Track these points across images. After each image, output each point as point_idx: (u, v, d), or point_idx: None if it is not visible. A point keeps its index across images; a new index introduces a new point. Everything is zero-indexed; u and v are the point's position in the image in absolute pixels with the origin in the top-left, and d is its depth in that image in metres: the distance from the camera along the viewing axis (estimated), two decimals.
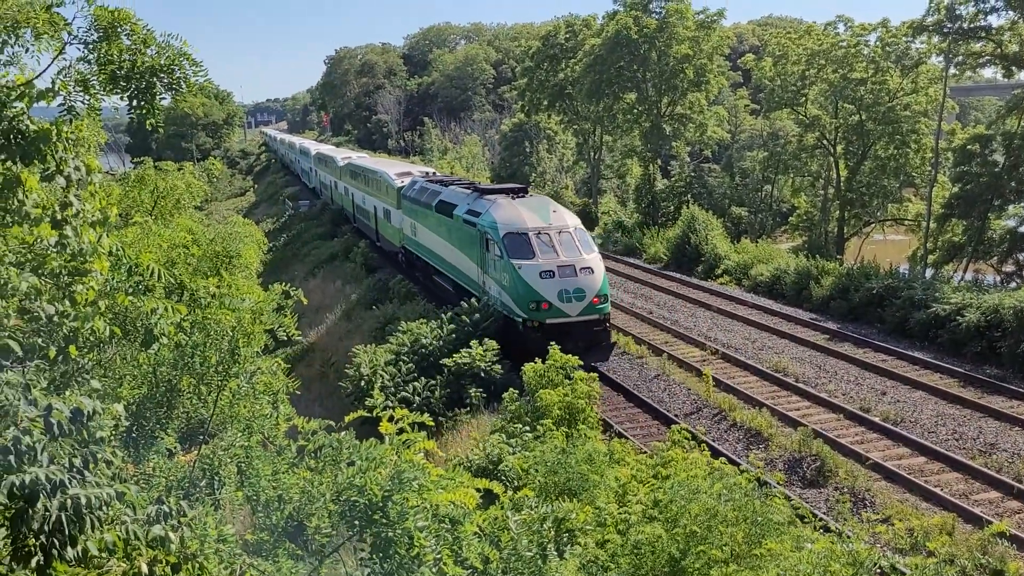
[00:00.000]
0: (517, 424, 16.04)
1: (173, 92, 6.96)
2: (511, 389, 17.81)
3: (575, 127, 61.55)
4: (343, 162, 52.98)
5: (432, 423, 7.55)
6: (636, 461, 13.87)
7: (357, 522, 6.40)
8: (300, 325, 12.87)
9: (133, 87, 6.78)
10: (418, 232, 32.38)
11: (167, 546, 4.51)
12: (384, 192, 38.72)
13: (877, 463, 16.25)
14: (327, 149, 72.95)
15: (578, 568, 8.77)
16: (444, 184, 31.28)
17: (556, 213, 23.82)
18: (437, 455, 9.96)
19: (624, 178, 62.16)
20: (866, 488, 15.35)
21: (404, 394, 20.44)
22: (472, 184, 31.09)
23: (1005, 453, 16.63)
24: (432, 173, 39.55)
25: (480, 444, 15.43)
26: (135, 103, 6.89)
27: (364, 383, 20.92)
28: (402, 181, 36.03)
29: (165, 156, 62.23)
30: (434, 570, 6.14)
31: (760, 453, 16.99)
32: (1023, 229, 38.99)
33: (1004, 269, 38.36)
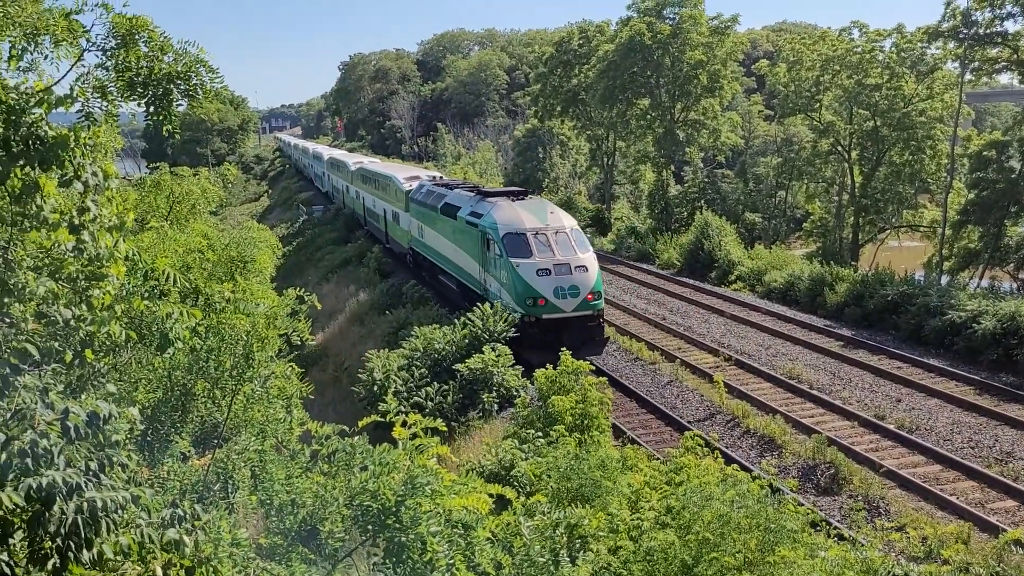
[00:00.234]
0: (529, 430, 16.02)
1: (190, 98, 7.01)
2: (523, 395, 17.81)
3: (588, 133, 61.55)
4: (355, 167, 54.08)
5: (445, 428, 7.56)
6: (649, 467, 13.82)
7: (370, 527, 6.42)
8: (313, 330, 12.91)
9: (150, 94, 6.84)
10: (425, 233, 33.38)
11: (181, 549, 4.54)
12: (393, 196, 39.80)
13: (892, 471, 16.15)
14: (339, 154, 73.59)
15: (590, 574, 8.76)
16: (449, 187, 32.30)
17: (553, 215, 24.94)
18: (450, 460, 9.98)
19: (637, 184, 62.09)
20: (880, 496, 15.26)
21: (417, 399, 20.46)
22: (475, 187, 32.13)
23: (1022, 462, 16.49)
24: (439, 177, 40.64)
25: (492, 449, 15.41)
26: (152, 109, 6.95)
27: (377, 388, 20.96)
28: (410, 185, 37.12)
29: (181, 161, 62.78)
30: (447, 575, 6.15)
31: (774, 460, 16.91)
32: None
33: (1021, 276, 38.09)
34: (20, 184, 5.46)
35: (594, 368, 17.88)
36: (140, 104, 6.99)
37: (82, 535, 3.96)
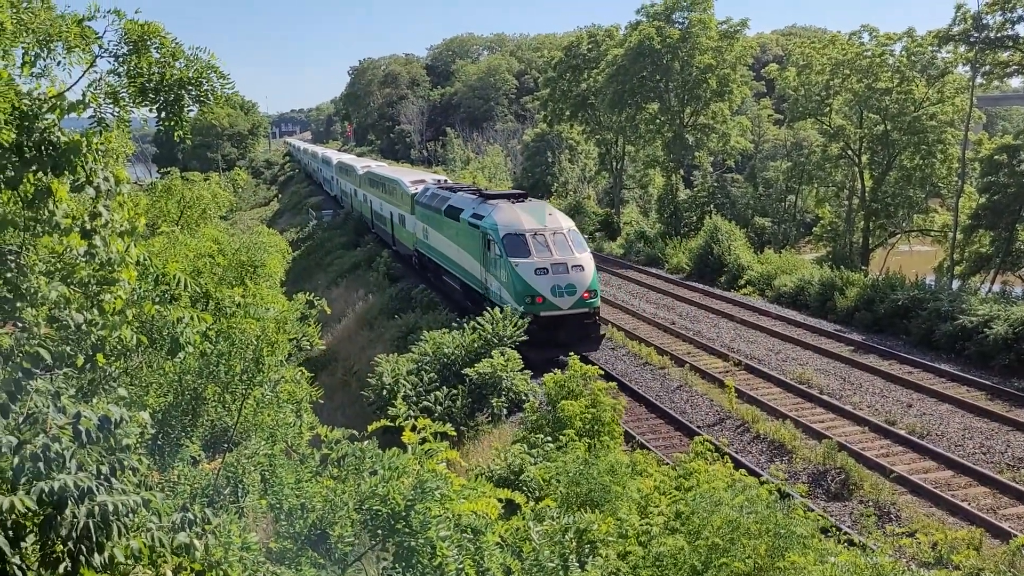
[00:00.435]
0: (539, 434, 16.00)
1: (201, 104, 7.05)
2: (532, 399, 17.79)
3: (597, 137, 61.50)
4: (362, 171, 54.96)
5: (454, 432, 7.57)
6: (658, 472, 13.80)
7: (380, 531, 6.43)
8: (322, 334, 12.94)
9: (162, 99, 6.89)
10: (429, 235, 34.17)
11: (192, 553, 4.55)
12: (400, 199, 40.54)
13: (902, 476, 16.06)
14: (348, 158, 74.10)
15: None
16: (453, 191, 33.32)
17: (551, 216, 25.88)
18: (459, 465, 9.97)
19: (646, 188, 62.03)
20: (891, 501, 15.18)
21: (426, 403, 20.45)
22: (478, 190, 33.04)
23: None
24: (444, 181, 41.58)
25: (502, 454, 15.39)
26: (164, 115, 6.99)
27: (386, 392, 20.95)
28: (415, 188, 38.00)
29: (191, 166, 63.08)
30: None
31: (784, 465, 16.86)
32: None
33: None
34: (33, 189, 5.50)
35: (603, 372, 17.85)
36: (152, 109, 7.03)
37: (93, 539, 3.98)
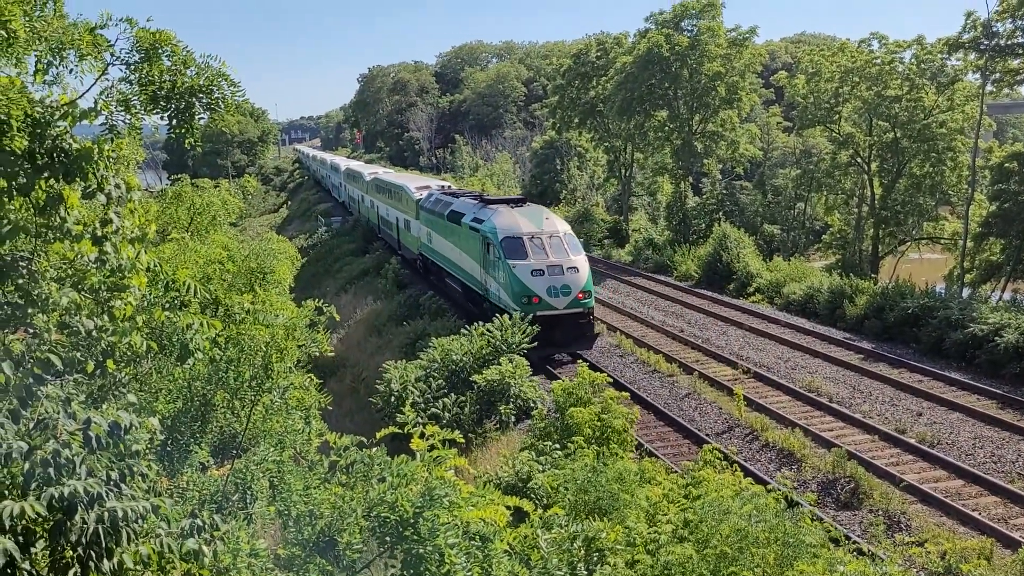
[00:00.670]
0: (547, 442, 15.98)
1: (211, 111, 7.08)
2: (540, 407, 17.78)
3: (606, 144, 61.51)
4: (370, 177, 55.85)
5: (462, 440, 7.56)
6: (667, 480, 13.77)
7: (388, 538, 6.42)
8: (331, 341, 12.96)
9: (173, 107, 6.92)
10: (433, 239, 35.14)
11: (200, 560, 4.56)
12: (405, 204, 41.38)
13: (913, 485, 15.97)
14: (356, 165, 74.50)
15: None
16: (455, 196, 34.37)
17: (548, 220, 26.96)
18: (467, 472, 9.97)
19: (655, 195, 61.93)
20: (901, 511, 15.10)
21: (434, 410, 20.46)
22: (479, 195, 33.76)
23: None
24: (448, 186, 42.38)
25: (510, 461, 15.37)
26: (175, 122, 7.03)
27: (394, 399, 20.97)
28: (420, 194, 38.85)
29: (201, 173, 63.30)
30: None
31: (792, 474, 16.79)
32: None
33: None
34: (44, 196, 5.53)
35: (611, 380, 17.86)
36: (163, 117, 7.07)
37: (103, 545, 3.99)
